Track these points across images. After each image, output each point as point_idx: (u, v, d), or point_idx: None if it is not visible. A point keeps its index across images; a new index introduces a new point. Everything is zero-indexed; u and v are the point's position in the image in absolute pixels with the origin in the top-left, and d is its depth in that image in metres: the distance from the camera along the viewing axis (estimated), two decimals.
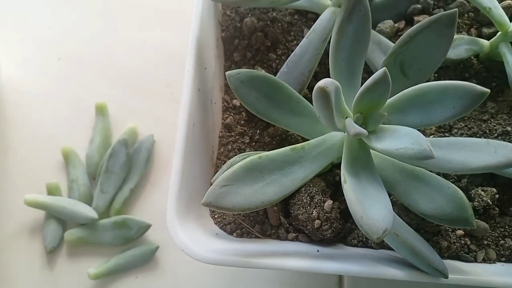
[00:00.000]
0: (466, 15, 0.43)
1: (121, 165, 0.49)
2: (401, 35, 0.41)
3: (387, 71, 0.26)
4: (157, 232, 0.47)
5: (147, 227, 0.47)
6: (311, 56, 0.37)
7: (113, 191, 0.48)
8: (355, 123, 0.28)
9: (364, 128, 0.28)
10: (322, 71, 0.40)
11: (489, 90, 0.26)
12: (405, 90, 0.28)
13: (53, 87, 0.53)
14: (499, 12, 0.39)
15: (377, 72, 0.26)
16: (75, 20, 0.56)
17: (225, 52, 0.41)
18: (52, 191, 0.48)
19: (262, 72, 0.35)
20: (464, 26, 0.43)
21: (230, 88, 0.33)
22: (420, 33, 0.31)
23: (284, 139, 0.38)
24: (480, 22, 0.43)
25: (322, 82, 0.24)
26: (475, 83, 0.40)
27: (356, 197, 0.25)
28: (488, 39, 0.41)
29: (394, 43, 0.40)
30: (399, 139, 0.26)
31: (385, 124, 0.29)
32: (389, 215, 0.25)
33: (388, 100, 0.29)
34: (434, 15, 0.31)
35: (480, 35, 0.43)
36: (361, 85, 0.31)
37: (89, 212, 0.47)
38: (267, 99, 0.34)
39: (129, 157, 0.49)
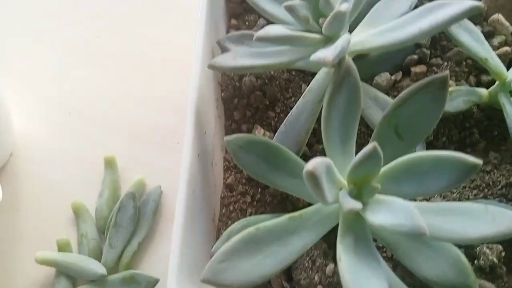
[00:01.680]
0: (464, 62, 0.43)
1: (129, 218, 0.49)
2: (398, 87, 0.42)
3: (377, 144, 0.26)
4: (165, 286, 0.47)
5: (155, 281, 0.47)
6: (308, 116, 0.37)
7: (122, 245, 0.49)
8: (349, 194, 0.28)
9: (358, 199, 0.28)
10: (320, 128, 0.40)
11: (481, 162, 0.26)
12: (398, 160, 0.29)
13: (63, 142, 0.55)
14: (496, 62, 0.39)
15: (366, 147, 0.26)
16: (82, 75, 0.59)
17: (225, 112, 0.42)
18: (62, 247, 0.49)
19: (259, 136, 0.36)
20: (463, 74, 0.43)
21: (229, 152, 0.34)
22: (413, 96, 0.31)
23: (285, 198, 0.39)
24: (479, 69, 0.43)
25: (311, 165, 0.24)
26: (476, 133, 0.41)
27: (351, 278, 0.25)
28: (488, 86, 0.41)
29: (391, 96, 0.40)
30: (393, 214, 0.26)
31: (381, 193, 0.29)
32: None
33: (383, 169, 0.29)
34: (426, 79, 0.31)
35: (479, 82, 0.43)
36: (355, 151, 0.32)
37: (98, 268, 0.47)
38: (264, 162, 0.34)
39: (137, 210, 0.50)
